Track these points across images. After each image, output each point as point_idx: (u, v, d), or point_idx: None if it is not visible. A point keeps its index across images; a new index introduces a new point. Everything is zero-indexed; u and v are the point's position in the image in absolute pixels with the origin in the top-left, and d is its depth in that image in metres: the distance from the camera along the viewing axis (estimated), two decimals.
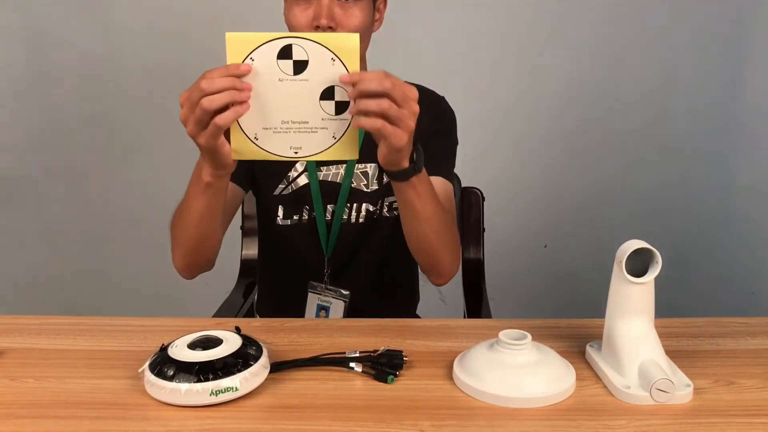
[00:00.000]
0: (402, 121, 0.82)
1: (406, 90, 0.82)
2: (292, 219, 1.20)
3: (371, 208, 1.19)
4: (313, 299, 1.20)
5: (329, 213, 1.19)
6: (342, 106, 0.84)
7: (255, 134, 0.85)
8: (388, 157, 0.87)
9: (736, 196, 2.27)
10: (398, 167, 0.90)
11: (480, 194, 1.50)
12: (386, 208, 1.20)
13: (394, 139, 0.83)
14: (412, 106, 0.83)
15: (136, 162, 2.24)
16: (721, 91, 2.20)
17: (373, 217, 1.19)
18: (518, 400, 0.75)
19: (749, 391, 0.79)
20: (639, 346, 0.79)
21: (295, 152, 0.86)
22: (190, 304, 1.89)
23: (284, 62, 0.82)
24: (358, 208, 1.19)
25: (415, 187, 0.93)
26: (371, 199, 1.18)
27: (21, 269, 2.34)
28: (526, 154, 2.25)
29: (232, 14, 2.10)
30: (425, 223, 0.99)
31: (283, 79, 0.83)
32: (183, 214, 1.01)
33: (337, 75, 0.83)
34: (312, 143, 0.86)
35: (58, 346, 0.91)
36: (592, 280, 1.31)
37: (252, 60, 0.82)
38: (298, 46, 0.82)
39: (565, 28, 2.15)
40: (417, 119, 0.85)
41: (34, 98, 2.20)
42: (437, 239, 1.02)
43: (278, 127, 0.85)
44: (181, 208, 1.02)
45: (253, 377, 0.77)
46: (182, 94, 0.83)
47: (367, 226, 1.19)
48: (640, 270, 0.79)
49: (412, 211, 0.97)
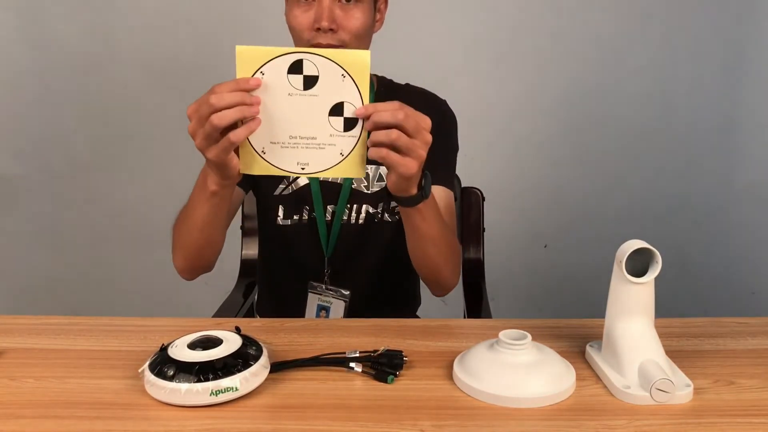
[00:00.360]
0: (413, 151, 0.83)
1: (419, 120, 0.83)
2: (293, 219, 1.20)
3: (371, 209, 1.19)
4: (314, 299, 1.20)
5: (329, 213, 1.19)
6: (351, 122, 0.84)
7: (262, 148, 0.85)
8: (397, 184, 0.88)
9: (736, 196, 2.27)
10: (406, 194, 0.91)
11: (480, 194, 1.50)
12: (387, 211, 1.20)
13: (403, 169, 0.84)
14: (424, 136, 0.84)
15: (136, 162, 2.24)
16: (720, 91, 2.20)
17: (374, 219, 1.19)
18: (518, 400, 0.75)
19: (749, 391, 0.79)
20: (639, 346, 0.79)
21: (302, 168, 0.86)
22: (190, 304, 1.89)
23: (294, 77, 0.82)
24: (358, 209, 1.19)
25: (422, 212, 0.95)
26: (371, 201, 1.18)
27: (21, 269, 2.34)
28: (526, 154, 2.25)
29: (231, 14, 2.10)
30: (429, 243, 1.01)
31: (293, 93, 0.83)
32: (186, 219, 1.01)
33: (348, 91, 0.83)
34: (319, 159, 0.86)
35: (58, 346, 0.91)
36: (592, 280, 1.31)
37: (262, 74, 0.82)
38: (309, 62, 0.82)
39: (566, 29, 2.15)
40: None
41: (34, 98, 2.20)
42: (440, 257, 1.04)
43: (286, 142, 0.85)
44: (185, 213, 1.02)
45: (253, 377, 0.77)
46: (190, 107, 0.83)
47: (367, 227, 1.19)
48: (640, 270, 0.79)
49: (418, 234, 0.99)
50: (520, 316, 1.01)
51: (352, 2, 1.05)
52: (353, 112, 0.83)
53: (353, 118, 0.84)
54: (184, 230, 1.03)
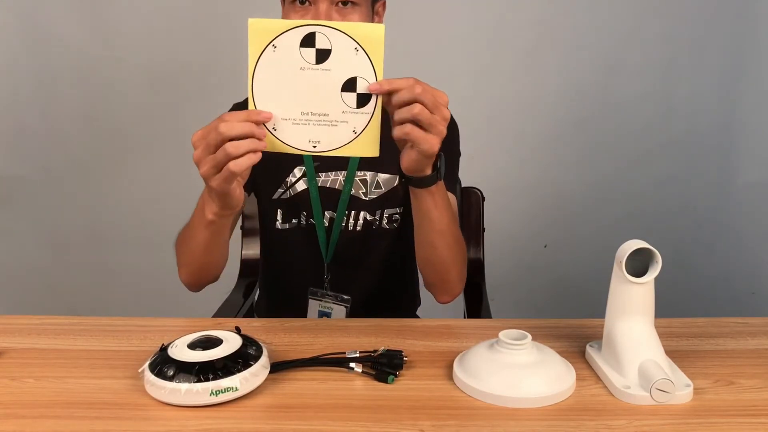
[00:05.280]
0: (434, 126, 0.81)
1: (436, 95, 0.81)
2: (291, 223, 1.20)
3: (369, 217, 1.18)
4: (314, 305, 1.19)
5: (327, 219, 1.18)
6: (364, 99, 0.82)
7: (273, 125, 0.83)
8: (416, 163, 0.86)
9: (736, 196, 2.27)
10: (422, 173, 0.89)
11: (480, 194, 1.50)
12: (386, 219, 1.19)
13: (426, 145, 0.82)
14: (443, 111, 0.82)
15: (136, 162, 2.24)
16: (720, 91, 2.20)
17: (371, 227, 1.19)
18: (518, 400, 0.75)
19: (749, 391, 0.79)
20: (639, 346, 0.79)
21: (313, 146, 0.84)
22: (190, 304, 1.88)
23: (307, 50, 0.81)
24: (356, 216, 1.18)
25: (434, 195, 0.93)
26: (369, 209, 1.18)
27: (21, 269, 2.34)
28: (526, 154, 2.25)
29: (231, 14, 2.10)
30: (439, 235, 0.99)
31: (305, 68, 0.81)
32: (188, 240, 1.00)
33: (361, 65, 0.81)
34: (332, 137, 0.84)
35: (58, 346, 0.91)
36: (592, 280, 1.31)
37: (274, 47, 0.81)
38: (322, 35, 0.80)
39: (566, 28, 2.15)
40: None
41: (34, 98, 2.20)
42: (449, 254, 1.02)
43: (297, 119, 0.83)
44: (186, 234, 1.01)
45: (253, 377, 0.77)
46: (196, 134, 0.81)
47: (365, 235, 1.19)
48: (640, 270, 0.79)
49: (429, 221, 0.97)
50: (520, 316, 1.01)
51: (349, 5, 1.04)
52: (367, 87, 0.82)
53: (366, 95, 0.82)
54: (187, 251, 1.02)
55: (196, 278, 1.07)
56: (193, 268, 1.05)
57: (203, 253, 1.00)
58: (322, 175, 1.17)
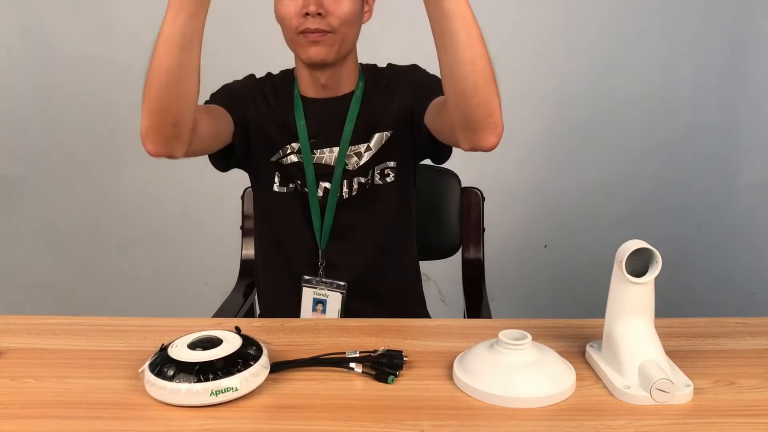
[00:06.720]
0: None
1: None
2: (288, 187, 1.18)
3: (362, 179, 1.17)
4: (309, 293, 1.17)
5: (321, 189, 1.17)
6: None
7: None
8: None
9: (736, 196, 2.27)
10: None
11: (480, 194, 1.50)
12: (378, 175, 1.17)
13: None
14: None
15: (136, 162, 2.24)
16: (720, 91, 2.20)
17: (366, 187, 1.17)
18: (518, 400, 0.75)
19: (749, 391, 0.79)
20: (639, 346, 0.79)
21: None
22: (190, 304, 1.90)
23: None
24: (350, 184, 1.17)
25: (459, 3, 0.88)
26: (362, 172, 1.16)
27: (21, 269, 2.34)
28: (526, 154, 2.25)
29: (230, 14, 2.10)
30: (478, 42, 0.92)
31: None
32: (151, 69, 0.92)
33: None
34: None
35: (58, 346, 0.91)
36: (592, 280, 1.31)
37: None
38: None
39: (566, 28, 2.14)
40: (398, 93, 0.95)
41: (33, 98, 2.20)
42: (489, 67, 0.94)
43: None
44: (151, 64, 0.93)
45: (253, 377, 0.77)
46: None
47: (360, 198, 1.17)
48: (640, 270, 0.79)
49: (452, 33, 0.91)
50: (520, 316, 1.01)
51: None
52: None
53: None
54: (149, 80, 0.92)
55: (157, 118, 0.94)
56: (154, 102, 0.93)
57: (166, 71, 0.90)
58: (317, 152, 1.16)
